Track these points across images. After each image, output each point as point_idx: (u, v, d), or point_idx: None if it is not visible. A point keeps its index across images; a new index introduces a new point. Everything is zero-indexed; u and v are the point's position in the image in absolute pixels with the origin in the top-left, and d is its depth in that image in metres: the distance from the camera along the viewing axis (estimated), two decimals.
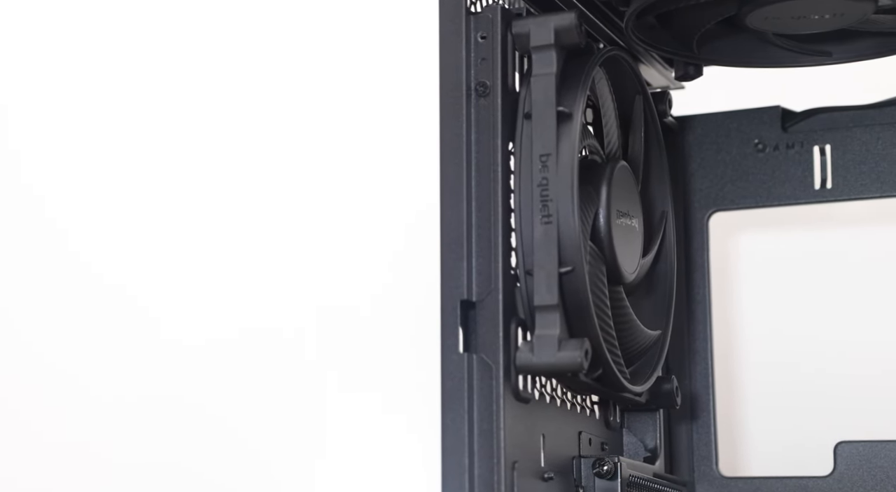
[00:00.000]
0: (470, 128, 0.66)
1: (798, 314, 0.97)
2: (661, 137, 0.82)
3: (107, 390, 1.08)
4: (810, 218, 0.96)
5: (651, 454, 0.80)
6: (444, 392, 0.64)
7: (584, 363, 0.65)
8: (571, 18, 0.67)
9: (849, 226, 0.97)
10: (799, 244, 0.98)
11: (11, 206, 1.14)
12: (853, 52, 0.77)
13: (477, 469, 0.62)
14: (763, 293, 0.98)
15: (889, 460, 0.82)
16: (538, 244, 0.66)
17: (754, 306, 0.98)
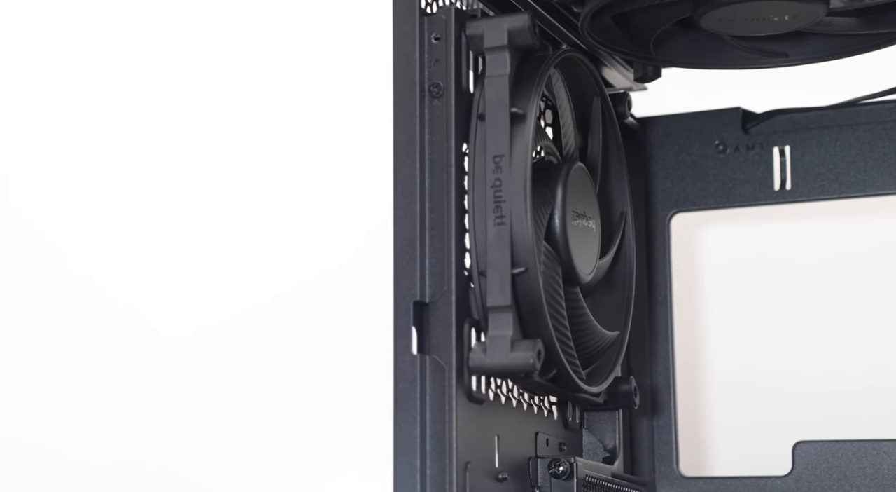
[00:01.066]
0: (423, 129, 0.66)
1: (760, 315, 0.97)
2: (620, 138, 0.82)
3: (85, 388, 1.08)
4: (774, 217, 0.97)
5: (610, 455, 0.80)
6: (397, 393, 0.63)
7: (537, 364, 0.64)
8: (524, 20, 0.67)
9: (811, 226, 0.98)
10: (763, 244, 0.98)
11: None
12: (809, 53, 0.78)
13: (429, 470, 0.62)
14: (726, 293, 0.98)
15: (846, 459, 0.82)
16: (491, 245, 0.65)
17: (717, 306, 0.98)
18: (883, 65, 0.84)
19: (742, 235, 0.99)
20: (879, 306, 0.94)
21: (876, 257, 0.95)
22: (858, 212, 0.95)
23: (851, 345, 0.94)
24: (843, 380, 0.94)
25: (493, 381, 0.69)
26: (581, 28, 0.73)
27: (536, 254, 0.67)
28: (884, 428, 0.87)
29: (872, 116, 0.86)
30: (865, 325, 0.94)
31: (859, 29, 0.75)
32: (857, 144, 0.86)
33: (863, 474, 0.82)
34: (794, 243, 0.97)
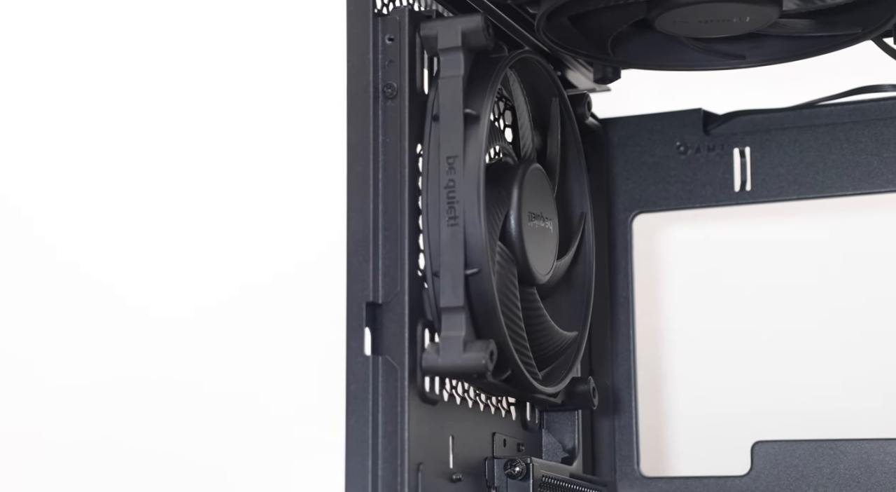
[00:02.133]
0: (377, 130, 0.66)
1: (722, 315, 0.97)
2: (579, 139, 0.81)
3: (71, 370, 1.08)
4: (736, 217, 0.97)
5: (569, 455, 0.80)
6: (349, 395, 0.63)
7: (489, 365, 0.64)
8: (478, 21, 0.66)
9: (773, 226, 0.98)
10: (724, 244, 0.99)
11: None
12: (766, 55, 0.78)
13: (380, 471, 0.62)
14: (688, 294, 0.99)
15: (804, 459, 0.83)
16: (445, 246, 0.65)
17: (679, 307, 0.99)
18: (844, 66, 0.84)
19: (704, 236, 0.99)
20: (839, 306, 0.95)
21: (835, 258, 0.95)
22: (818, 212, 0.95)
23: (811, 345, 0.95)
24: (804, 380, 0.95)
25: (449, 381, 0.69)
26: (537, 29, 0.73)
27: (490, 255, 0.67)
28: (842, 428, 0.88)
29: (831, 118, 0.87)
30: (825, 324, 0.95)
31: (814, 31, 0.75)
32: (816, 146, 0.87)
33: (820, 473, 0.82)
34: (755, 244, 0.97)
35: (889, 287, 0.94)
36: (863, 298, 0.95)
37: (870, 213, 0.94)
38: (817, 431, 0.85)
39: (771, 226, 0.97)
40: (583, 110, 0.83)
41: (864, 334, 0.94)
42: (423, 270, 0.67)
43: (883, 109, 0.85)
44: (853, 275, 0.95)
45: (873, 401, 0.92)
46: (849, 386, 0.93)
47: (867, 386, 0.93)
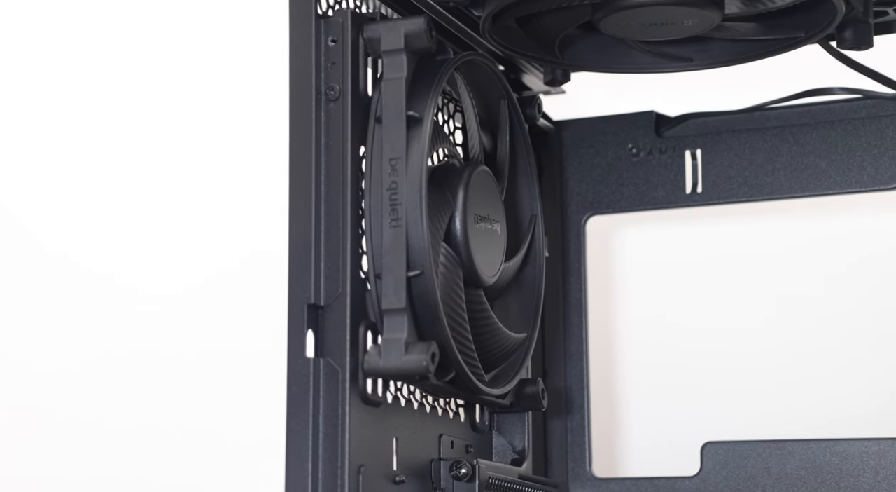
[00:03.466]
0: (320, 132, 0.66)
1: (675, 316, 0.98)
2: (529, 141, 0.81)
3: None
4: (688, 219, 0.97)
5: (519, 456, 0.80)
6: (289, 397, 0.63)
7: (431, 367, 0.64)
8: (421, 23, 0.66)
9: (724, 228, 0.98)
10: (677, 246, 0.99)
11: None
12: (713, 58, 0.78)
13: (321, 473, 0.62)
14: (641, 295, 0.99)
15: (752, 459, 0.83)
16: (387, 248, 0.65)
17: (632, 308, 0.99)
18: (797, 68, 0.84)
19: (657, 238, 0.99)
20: (790, 307, 0.95)
21: (785, 259, 0.96)
22: (770, 214, 0.96)
23: (762, 345, 0.95)
24: (756, 381, 0.95)
25: (393, 383, 0.69)
26: (482, 31, 0.72)
27: (433, 256, 0.67)
28: (791, 428, 0.88)
29: (780, 120, 0.87)
30: (775, 326, 0.95)
31: (759, 34, 0.75)
32: (766, 148, 0.87)
33: (768, 473, 0.82)
34: (707, 245, 0.98)
35: (839, 288, 0.95)
36: (813, 298, 0.95)
37: (819, 214, 0.95)
38: (769, 431, 0.86)
39: (723, 227, 0.97)
40: (532, 112, 0.83)
41: (813, 335, 0.95)
42: (367, 272, 0.66)
43: (831, 112, 0.86)
44: (803, 276, 0.95)
45: (821, 401, 0.93)
46: (799, 387, 0.93)
47: (816, 387, 0.94)
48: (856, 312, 0.94)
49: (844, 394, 0.94)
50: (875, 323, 0.94)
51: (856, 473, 0.80)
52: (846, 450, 0.80)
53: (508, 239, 0.78)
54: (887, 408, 0.92)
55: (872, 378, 0.93)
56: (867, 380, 0.93)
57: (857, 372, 0.94)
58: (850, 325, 0.94)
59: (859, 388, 0.93)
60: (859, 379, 0.94)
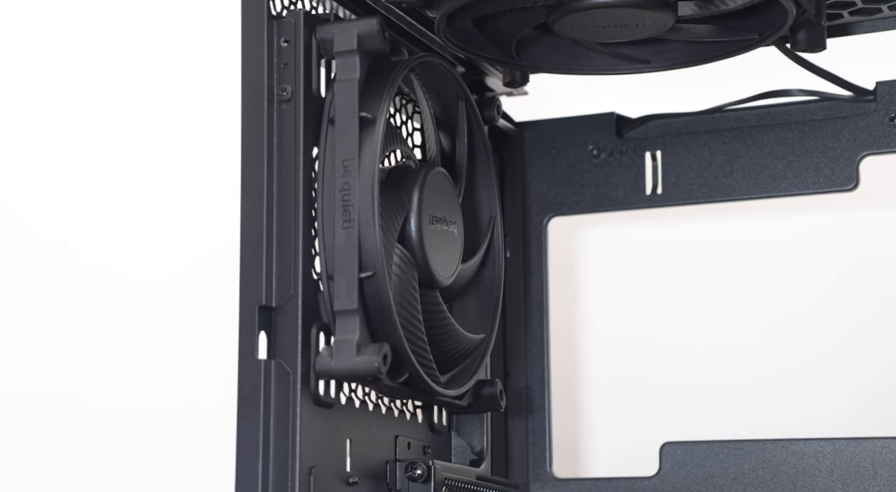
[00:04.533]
0: (272, 132, 0.66)
1: (636, 316, 0.98)
2: (488, 142, 0.81)
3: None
4: (650, 219, 0.97)
5: (478, 457, 0.80)
6: (240, 399, 0.63)
7: (382, 368, 0.64)
8: (373, 24, 0.66)
9: (685, 229, 0.98)
10: (638, 247, 0.99)
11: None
12: (670, 60, 0.78)
13: (271, 475, 0.62)
14: (603, 295, 0.99)
15: (710, 459, 0.83)
16: (339, 249, 0.65)
17: (594, 309, 0.99)
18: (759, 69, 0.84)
19: (618, 238, 0.99)
20: (748, 307, 0.95)
21: (744, 260, 0.96)
22: (730, 214, 0.96)
23: (721, 345, 0.95)
24: (716, 380, 0.95)
25: (347, 385, 0.69)
26: (437, 32, 0.72)
27: (386, 258, 0.67)
28: (749, 428, 0.89)
29: (739, 122, 0.87)
30: (734, 325, 0.95)
31: (715, 36, 0.75)
32: (724, 149, 0.87)
33: (725, 473, 0.82)
34: (668, 246, 0.98)
35: (796, 289, 0.95)
36: (770, 299, 0.95)
37: (778, 215, 0.95)
38: (729, 432, 0.86)
39: (684, 227, 0.97)
40: (491, 114, 0.83)
41: (770, 336, 0.95)
42: (319, 273, 0.66)
43: (789, 114, 0.86)
44: (761, 277, 0.95)
45: (779, 401, 0.93)
46: (757, 387, 0.94)
47: (774, 387, 0.94)
48: (812, 313, 0.94)
49: (801, 394, 0.94)
50: (830, 322, 0.94)
51: (811, 472, 0.80)
52: (802, 450, 0.80)
53: (466, 240, 0.78)
54: (842, 408, 0.92)
55: (828, 379, 0.94)
56: (824, 380, 0.94)
57: (814, 372, 0.94)
58: (806, 325, 0.95)
59: (816, 388, 0.94)
60: (816, 379, 0.94)
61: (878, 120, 0.83)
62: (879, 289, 0.93)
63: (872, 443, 0.79)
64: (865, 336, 0.93)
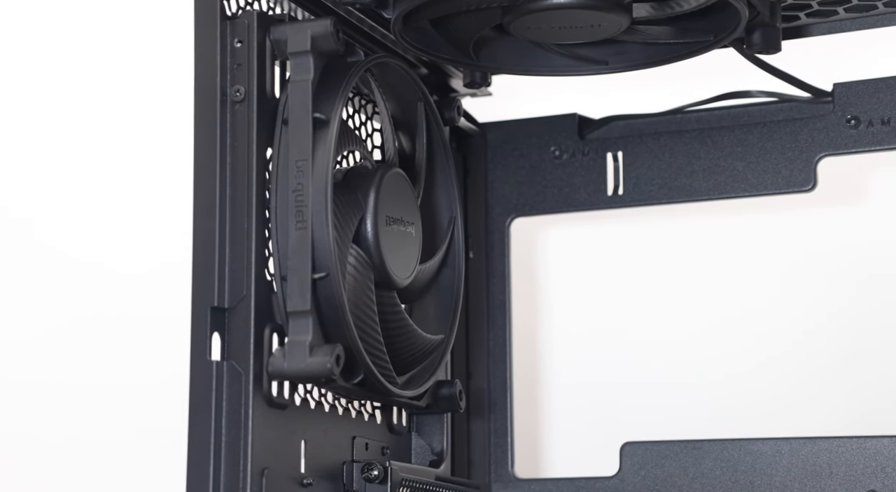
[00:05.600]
0: (225, 133, 0.65)
1: (598, 317, 0.98)
2: (447, 143, 0.81)
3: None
4: (612, 220, 0.97)
5: (437, 458, 0.80)
6: (192, 400, 0.62)
7: (335, 369, 0.64)
8: (327, 25, 0.66)
9: (647, 229, 0.98)
10: (601, 247, 0.99)
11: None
12: (627, 61, 0.77)
13: (223, 477, 0.61)
14: (565, 296, 0.99)
15: (669, 459, 0.83)
16: (292, 250, 0.65)
17: (557, 309, 0.99)
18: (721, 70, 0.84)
19: (581, 239, 0.99)
20: (709, 307, 0.95)
21: (705, 260, 0.96)
22: (691, 215, 0.96)
23: (682, 345, 0.95)
24: (678, 379, 0.95)
25: (303, 386, 0.68)
26: (393, 32, 0.72)
27: (340, 258, 0.66)
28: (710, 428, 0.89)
29: (700, 123, 0.87)
30: (696, 325, 0.95)
31: (672, 38, 0.75)
32: (684, 151, 0.87)
33: (684, 473, 0.82)
34: (629, 246, 0.98)
35: (755, 288, 0.95)
36: (732, 300, 0.95)
37: (739, 215, 0.95)
38: (690, 432, 0.86)
39: (646, 228, 0.97)
40: (451, 115, 0.82)
41: (731, 335, 0.95)
42: (273, 274, 0.66)
43: (749, 115, 0.86)
44: (722, 276, 0.96)
45: (739, 402, 0.93)
46: (718, 387, 0.94)
47: (734, 387, 0.94)
48: (770, 312, 0.95)
49: (760, 394, 0.94)
50: (790, 321, 0.94)
51: (769, 471, 0.80)
52: (760, 449, 0.80)
53: (426, 241, 0.78)
54: (799, 408, 0.92)
55: (786, 378, 0.94)
56: (782, 380, 0.94)
57: (773, 372, 0.94)
58: (765, 324, 0.95)
59: (774, 388, 0.94)
60: (775, 379, 0.94)
61: (835, 121, 0.83)
62: (837, 288, 0.94)
63: (828, 442, 0.79)
64: (823, 335, 0.94)
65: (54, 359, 1.05)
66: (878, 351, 0.92)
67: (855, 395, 0.92)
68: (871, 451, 0.78)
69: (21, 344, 1.05)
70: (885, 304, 0.92)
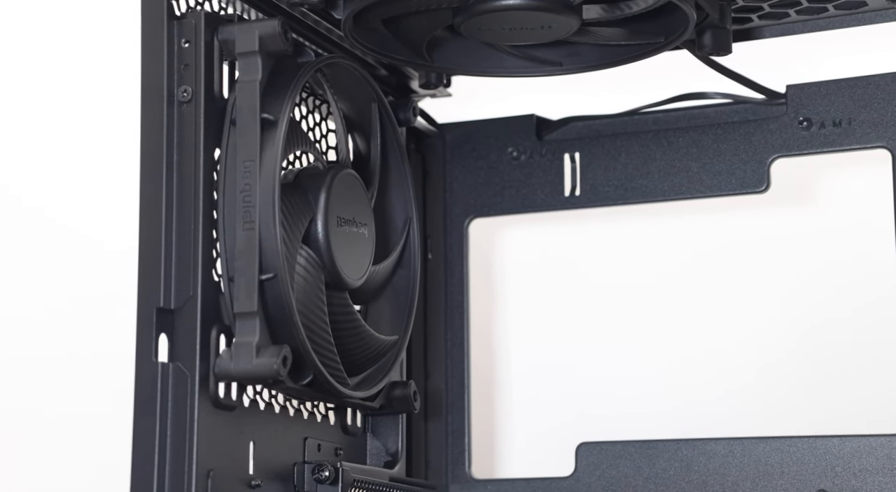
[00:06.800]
0: (172, 134, 0.65)
1: (556, 318, 0.97)
2: (403, 144, 0.80)
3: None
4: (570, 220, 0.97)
5: (392, 458, 0.79)
6: (137, 402, 0.62)
7: (282, 370, 0.63)
8: (275, 25, 0.65)
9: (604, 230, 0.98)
10: (559, 248, 0.99)
11: None
12: (581, 62, 0.77)
13: (168, 479, 0.61)
14: (523, 297, 0.99)
15: (624, 459, 0.83)
16: (240, 251, 0.64)
17: (515, 310, 0.98)
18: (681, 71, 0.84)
19: (539, 240, 0.99)
20: (665, 307, 0.95)
21: (661, 260, 0.96)
22: (649, 215, 0.96)
23: (638, 346, 0.95)
24: (634, 381, 0.95)
25: (252, 387, 0.68)
26: (344, 33, 0.71)
27: (288, 259, 0.66)
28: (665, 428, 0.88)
29: (656, 124, 0.87)
30: (651, 327, 0.95)
31: (624, 39, 0.75)
32: (641, 151, 0.87)
33: (639, 473, 0.82)
34: (587, 247, 0.97)
35: (712, 290, 0.95)
36: (687, 300, 0.95)
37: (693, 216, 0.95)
38: (646, 432, 0.86)
39: (604, 228, 0.97)
40: (407, 115, 0.82)
41: (686, 336, 0.95)
42: (221, 275, 0.65)
43: (705, 116, 0.86)
44: (677, 277, 0.95)
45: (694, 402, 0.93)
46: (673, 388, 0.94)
47: (689, 388, 0.94)
48: (726, 312, 0.95)
49: (714, 394, 0.94)
50: (745, 322, 0.94)
51: (722, 471, 0.80)
52: (713, 449, 0.80)
53: (381, 242, 0.77)
54: (751, 408, 0.92)
55: (738, 378, 0.94)
56: (734, 380, 0.94)
57: (727, 372, 0.94)
58: (719, 324, 0.95)
59: (728, 388, 0.94)
60: (728, 379, 0.94)
61: (787, 123, 0.83)
62: (789, 287, 0.94)
63: (779, 442, 0.79)
64: (776, 334, 0.94)
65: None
66: (827, 350, 0.92)
67: (807, 394, 0.92)
68: (820, 450, 0.78)
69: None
70: (835, 303, 0.93)
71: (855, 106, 0.81)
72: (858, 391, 0.90)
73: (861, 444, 0.77)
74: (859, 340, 0.90)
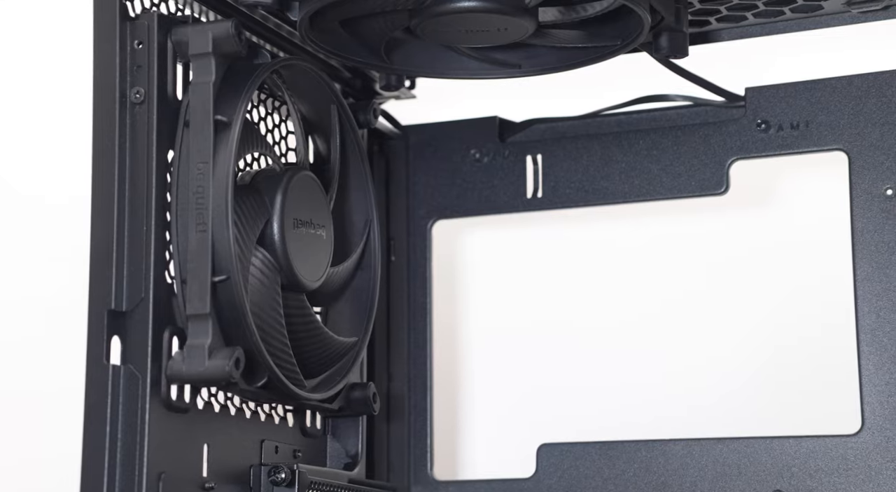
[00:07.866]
0: (124, 135, 0.64)
1: (519, 319, 0.97)
2: (362, 145, 0.80)
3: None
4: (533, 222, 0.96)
5: (352, 460, 0.79)
6: (87, 405, 0.61)
7: (235, 372, 0.63)
8: (228, 27, 0.65)
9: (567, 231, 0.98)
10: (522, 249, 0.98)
11: None
12: (540, 64, 0.77)
13: (118, 481, 0.60)
14: (486, 298, 0.98)
15: (585, 460, 0.82)
16: (192, 253, 0.64)
17: (478, 312, 0.98)
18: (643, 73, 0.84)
19: (502, 242, 0.99)
20: (626, 308, 0.95)
21: (623, 262, 0.96)
22: (611, 217, 0.95)
23: (599, 347, 0.95)
24: (595, 381, 0.95)
25: (207, 389, 0.67)
26: (300, 34, 0.71)
27: (242, 261, 0.65)
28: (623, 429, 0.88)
29: (618, 126, 0.86)
30: (614, 328, 0.95)
31: (581, 42, 0.74)
32: (602, 154, 0.86)
33: (599, 474, 0.82)
34: (550, 248, 0.97)
35: (673, 291, 0.95)
36: (648, 301, 0.95)
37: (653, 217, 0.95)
38: (606, 433, 0.85)
39: (566, 230, 0.97)
40: (367, 117, 0.81)
41: (648, 336, 0.95)
42: (174, 277, 0.65)
43: (665, 119, 0.85)
44: (637, 278, 0.95)
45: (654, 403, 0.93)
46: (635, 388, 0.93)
47: (650, 388, 0.94)
48: (688, 314, 0.94)
49: (673, 395, 0.94)
50: (706, 323, 0.94)
51: (681, 471, 0.80)
52: (672, 450, 0.80)
53: (341, 244, 0.77)
54: (711, 409, 0.92)
55: (699, 379, 0.94)
56: (695, 381, 0.94)
57: (688, 373, 0.94)
58: (680, 325, 0.95)
59: (687, 389, 0.94)
60: (687, 380, 0.94)
61: (746, 125, 0.83)
62: (748, 288, 0.94)
63: (738, 443, 0.79)
64: (735, 335, 0.94)
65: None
66: (783, 351, 0.92)
67: (763, 396, 0.92)
68: (777, 451, 0.78)
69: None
70: (793, 304, 0.93)
71: (812, 108, 0.81)
72: (814, 392, 0.90)
73: (816, 444, 0.77)
74: (815, 341, 0.91)
